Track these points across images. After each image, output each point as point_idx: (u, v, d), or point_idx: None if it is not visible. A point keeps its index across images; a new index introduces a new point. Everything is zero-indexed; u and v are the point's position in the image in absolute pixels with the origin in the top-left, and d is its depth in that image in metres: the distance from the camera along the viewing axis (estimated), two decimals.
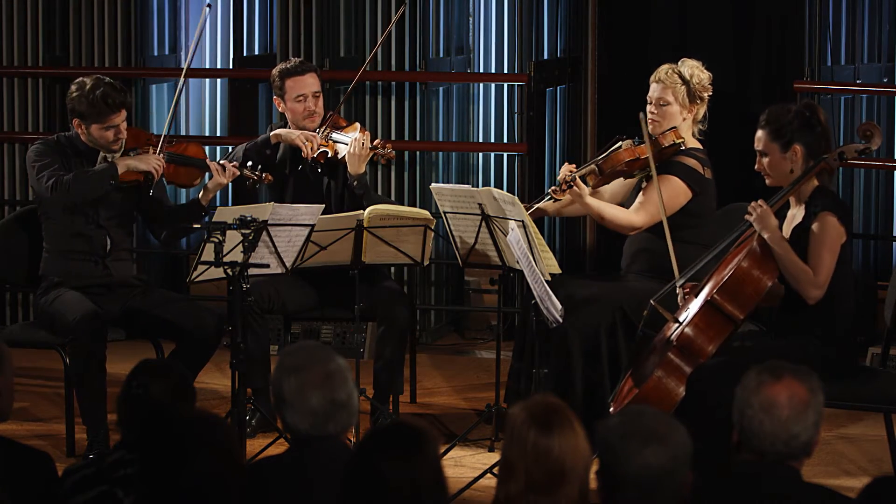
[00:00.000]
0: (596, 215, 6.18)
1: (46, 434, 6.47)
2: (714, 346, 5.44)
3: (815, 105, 5.60)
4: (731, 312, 5.41)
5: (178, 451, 3.22)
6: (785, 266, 5.36)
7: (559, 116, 8.76)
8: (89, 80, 6.28)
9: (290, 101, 6.64)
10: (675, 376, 5.44)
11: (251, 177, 6.42)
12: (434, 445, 3.23)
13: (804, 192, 5.47)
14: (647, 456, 3.19)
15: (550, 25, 8.86)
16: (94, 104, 6.21)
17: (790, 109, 5.49)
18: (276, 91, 6.69)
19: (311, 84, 6.64)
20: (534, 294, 5.70)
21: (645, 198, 6.13)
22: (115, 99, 6.22)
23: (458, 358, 8.11)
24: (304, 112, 6.61)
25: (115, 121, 6.24)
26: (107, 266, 6.35)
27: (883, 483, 3.33)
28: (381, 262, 6.34)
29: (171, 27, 8.87)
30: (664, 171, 6.10)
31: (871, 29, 8.14)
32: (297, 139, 6.56)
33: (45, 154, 6.28)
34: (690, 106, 6.18)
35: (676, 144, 6.09)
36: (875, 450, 6.23)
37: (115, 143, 6.27)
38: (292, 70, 6.63)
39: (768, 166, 5.49)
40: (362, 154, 6.48)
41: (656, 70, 6.22)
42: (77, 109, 6.27)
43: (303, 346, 3.76)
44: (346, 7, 8.38)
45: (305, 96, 6.62)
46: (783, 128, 5.45)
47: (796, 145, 5.44)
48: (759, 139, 5.51)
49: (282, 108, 6.69)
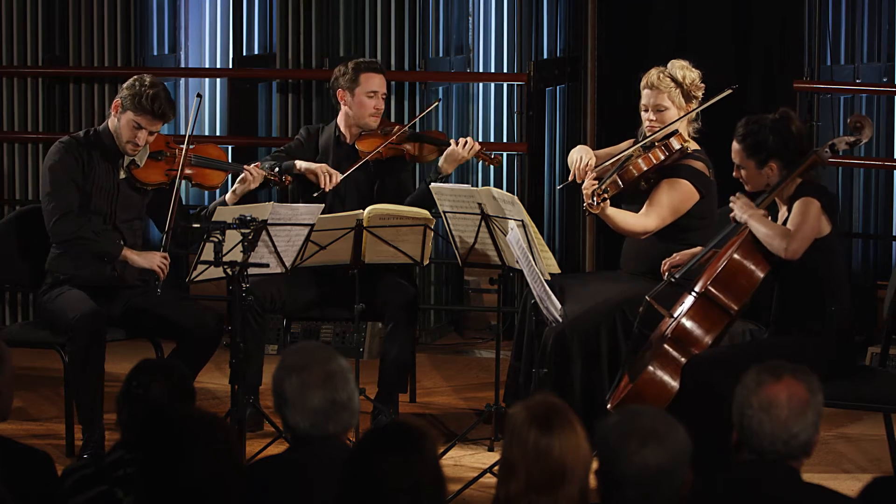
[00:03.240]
0: (613, 223, 6.16)
1: (46, 434, 6.47)
2: (710, 338, 5.48)
3: (789, 115, 5.58)
4: (726, 304, 5.45)
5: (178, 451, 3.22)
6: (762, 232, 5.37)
7: (559, 116, 8.76)
8: (152, 78, 6.27)
9: (360, 95, 6.65)
10: (670, 369, 5.48)
11: (272, 178, 6.42)
12: (433, 445, 3.23)
13: (788, 191, 5.49)
14: (646, 455, 3.19)
15: (550, 25, 8.86)
16: (139, 96, 6.16)
17: (765, 124, 5.50)
18: (344, 83, 6.67)
19: (383, 84, 6.71)
20: (533, 294, 5.70)
21: (654, 202, 6.14)
22: (161, 107, 6.17)
23: (457, 358, 8.11)
24: (373, 108, 6.64)
25: (147, 125, 6.19)
26: (115, 268, 6.34)
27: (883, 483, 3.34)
28: (381, 262, 6.34)
29: (171, 27, 8.87)
30: (672, 175, 6.12)
31: (871, 29, 8.14)
32: (319, 170, 6.55)
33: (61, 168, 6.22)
34: (687, 106, 6.20)
35: (683, 148, 6.10)
36: (875, 450, 6.23)
37: (133, 147, 6.25)
38: (370, 65, 6.71)
39: (745, 177, 5.55)
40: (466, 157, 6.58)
41: (645, 75, 6.22)
42: (124, 92, 6.23)
43: (305, 346, 3.76)
44: (346, 7, 8.38)
45: (377, 93, 6.66)
46: (759, 144, 5.49)
47: (772, 162, 5.48)
48: (734, 152, 5.56)
49: (345, 100, 6.69)
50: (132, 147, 6.24)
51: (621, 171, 6.11)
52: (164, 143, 6.40)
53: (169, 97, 6.24)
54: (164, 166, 6.36)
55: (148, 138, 6.23)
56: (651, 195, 6.16)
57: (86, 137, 6.32)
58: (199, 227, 5.80)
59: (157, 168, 6.36)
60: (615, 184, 6.12)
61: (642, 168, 6.09)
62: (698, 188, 6.14)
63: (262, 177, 6.41)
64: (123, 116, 6.22)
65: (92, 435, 6.08)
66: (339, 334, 7.79)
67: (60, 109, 8.70)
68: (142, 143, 6.23)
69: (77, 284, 6.26)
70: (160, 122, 6.23)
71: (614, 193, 6.14)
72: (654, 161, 6.08)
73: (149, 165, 6.34)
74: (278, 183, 6.48)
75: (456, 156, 6.58)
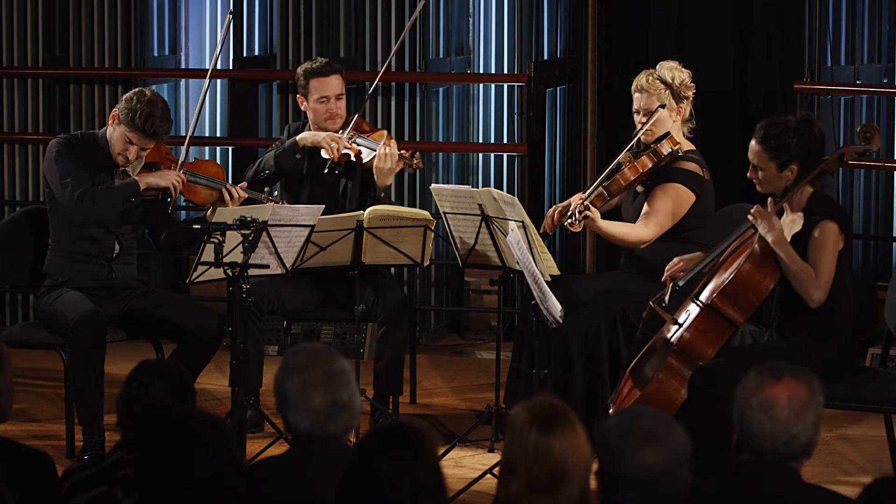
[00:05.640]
0: (608, 236, 6.14)
1: (46, 434, 6.47)
2: (714, 350, 5.45)
3: (811, 120, 5.55)
4: (732, 316, 5.41)
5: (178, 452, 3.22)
6: (788, 267, 5.36)
7: (559, 117, 8.76)
8: (152, 94, 6.25)
9: (312, 102, 6.65)
10: (677, 379, 5.46)
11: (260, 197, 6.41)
12: (433, 446, 3.23)
13: (800, 199, 5.46)
14: (646, 456, 3.19)
15: (550, 25, 8.86)
16: (133, 113, 6.14)
17: (789, 126, 5.43)
18: (299, 90, 6.69)
19: (335, 86, 6.65)
20: (533, 295, 5.70)
21: (651, 209, 6.11)
22: (153, 127, 6.15)
23: (457, 358, 8.11)
24: (326, 113, 6.62)
25: (139, 142, 6.18)
26: (112, 269, 6.35)
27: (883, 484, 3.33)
28: (381, 263, 6.35)
29: (171, 27, 8.87)
30: (665, 179, 6.10)
31: (871, 29, 8.14)
32: (323, 141, 6.55)
33: (68, 155, 6.24)
34: (678, 107, 6.19)
35: (674, 151, 6.09)
36: (875, 450, 6.23)
37: (124, 160, 6.25)
38: (317, 70, 6.64)
39: (763, 179, 5.48)
40: (393, 168, 6.47)
41: (636, 79, 6.21)
42: (121, 105, 6.23)
43: (306, 347, 3.77)
44: (346, 7, 8.38)
45: (328, 98, 6.63)
46: (782, 148, 5.41)
47: (793, 165, 5.43)
48: (754, 153, 5.46)
49: (304, 106, 6.70)
50: (122, 160, 6.26)
51: (608, 182, 6.08)
52: (163, 154, 6.40)
53: (165, 115, 6.20)
54: None
55: (140, 153, 6.24)
56: (646, 204, 6.14)
57: (83, 137, 6.34)
58: (199, 228, 5.80)
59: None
60: (601, 196, 6.09)
61: (629, 178, 6.07)
62: (693, 189, 6.12)
63: (241, 199, 6.37)
64: (118, 128, 6.23)
65: (92, 436, 6.08)
66: (340, 335, 7.79)
67: (60, 110, 8.70)
68: (132, 157, 6.23)
69: (75, 286, 6.26)
70: (152, 141, 6.22)
71: (602, 205, 6.12)
72: (642, 169, 6.07)
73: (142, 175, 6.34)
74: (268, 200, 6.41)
75: (380, 169, 6.47)
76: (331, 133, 6.58)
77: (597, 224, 6.02)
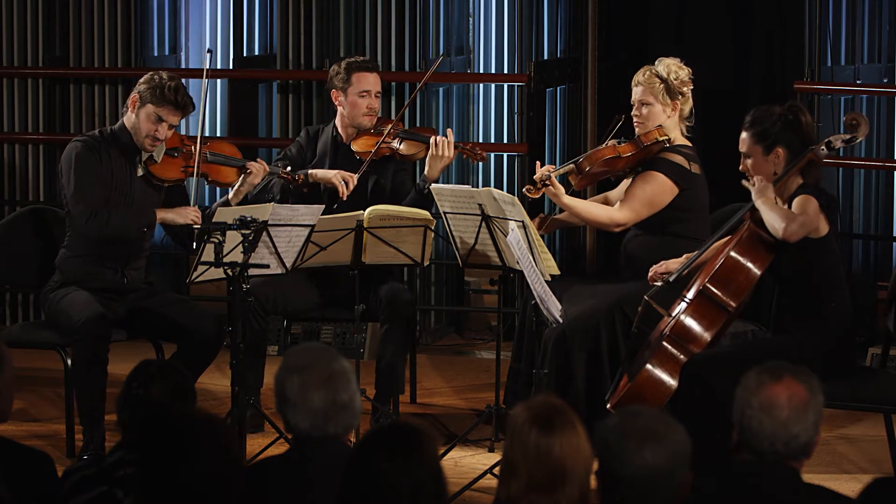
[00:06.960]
0: (575, 214, 6.24)
1: (46, 435, 6.47)
2: (709, 335, 5.49)
3: (798, 106, 5.61)
4: (724, 301, 5.46)
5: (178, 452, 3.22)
6: (768, 215, 5.36)
7: (559, 117, 8.77)
8: (169, 73, 6.29)
9: (352, 95, 6.66)
10: (669, 366, 5.49)
11: (284, 176, 6.43)
12: (433, 446, 3.23)
13: (789, 189, 5.49)
14: (646, 455, 3.19)
15: (550, 25, 8.87)
16: (160, 87, 6.17)
17: (774, 112, 5.52)
18: (337, 83, 6.69)
19: (377, 83, 6.70)
20: (534, 294, 5.71)
21: (628, 194, 6.23)
22: (182, 98, 6.20)
23: (457, 358, 8.11)
24: (366, 108, 6.64)
25: (168, 117, 6.20)
26: (124, 274, 6.35)
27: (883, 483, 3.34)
28: (381, 263, 6.35)
29: (171, 27, 8.88)
30: (649, 168, 6.19)
31: (871, 29, 8.15)
32: (335, 178, 6.56)
33: (85, 165, 6.21)
34: (673, 103, 6.23)
35: (661, 142, 6.14)
36: (875, 450, 6.23)
37: (152, 141, 6.24)
38: (362, 65, 6.70)
39: (752, 168, 5.53)
40: (449, 157, 6.53)
41: (636, 74, 6.27)
42: (142, 87, 6.24)
43: (307, 347, 3.77)
44: (346, 7, 8.38)
45: (369, 92, 6.66)
46: (766, 131, 5.49)
47: (779, 148, 5.47)
48: (742, 141, 5.56)
49: (339, 101, 6.70)
50: (151, 141, 6.24)
51: (581, 159, 6.19)
52: (179, 140, 6.41)
53: (185, 88, 6.26)
54: (181, 162, 6.37)
55: (167, 132, 6.23)
56: (627, 189, 6.24)
57: (101, 136, 6.32)
58: (199, 228, 5.80)
59: (173, 164, 6.36)
60: (572, 172, 6.20)
61: (602, 156, 6.15)
62: (675, 181, 6.17)
63: (265, 171, 6.40)
64: (143, 111, 6.22)
65: (92, 436, 6.08)
66: (340, 335, 7.79)
67: (61, 110, 8.71)
68: (162, 136, 6.23)
69: (85, 287, 6.25)
70: (180, 114, 6.25)
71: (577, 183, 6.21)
72: (622, 154, 6.14)
73: (165, 162, 6.34)
74: (291, 181, 6.47)
75: (436, 159, 6.55)
76: (342, 171, 6.58)
77: (561, 199, 6.16)
